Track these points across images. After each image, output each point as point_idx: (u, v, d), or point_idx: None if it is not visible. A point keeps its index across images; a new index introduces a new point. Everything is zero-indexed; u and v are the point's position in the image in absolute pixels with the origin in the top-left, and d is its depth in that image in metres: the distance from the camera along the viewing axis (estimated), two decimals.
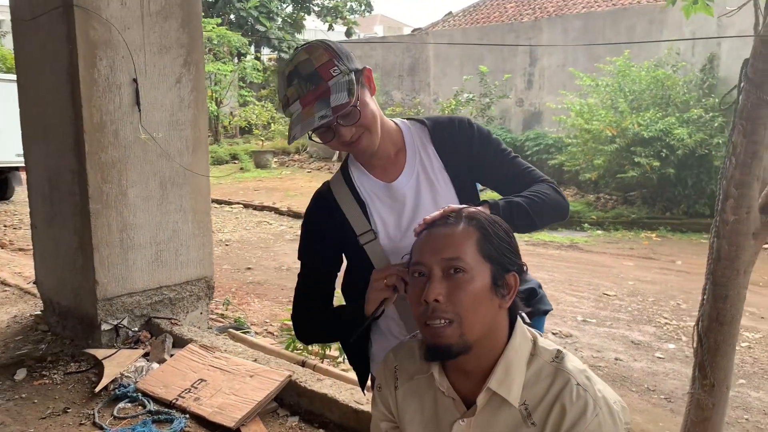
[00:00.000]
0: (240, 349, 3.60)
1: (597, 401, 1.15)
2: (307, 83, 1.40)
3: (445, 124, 1.63)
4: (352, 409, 2.96)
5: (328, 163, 16.51)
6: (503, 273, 1.21)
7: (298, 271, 1.63)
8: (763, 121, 2.30)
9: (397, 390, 1.34)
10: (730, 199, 2.38)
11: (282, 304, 5.87)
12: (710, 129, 8.81)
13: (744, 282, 2.41)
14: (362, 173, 1.60)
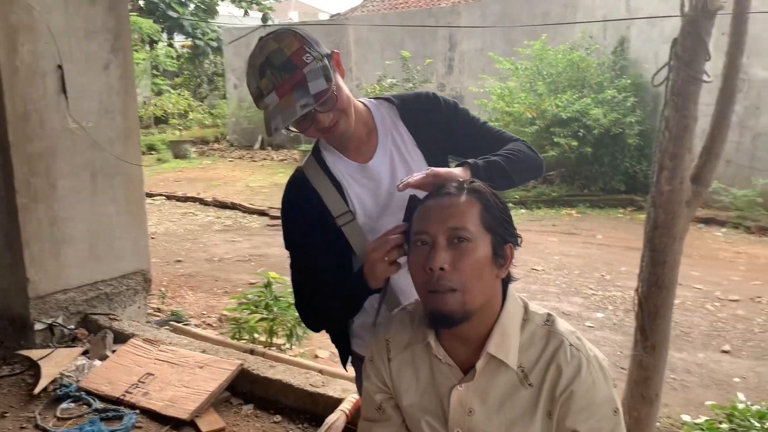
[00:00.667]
0: (186, 341, 3.52)
1: (590, 360, 1.22)
2: (282, 72, 1.38)
3: (413, 100, 1.65)
4: (307, 392, 2.97)
5: (251, 152, 16.22)
6: (502, 243, 1.25)
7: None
8: (692, 97, 2.44)
9: (390, 362, 1.37)
10: (665, 171, 2.51)
11: (217, 295, 5.76)
12: (623, 109, 9.23)
13: (679, 248, 2.57)
14: (336, 156, 1.60)
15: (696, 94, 2.46)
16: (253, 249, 7.45)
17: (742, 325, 4.95)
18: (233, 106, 17.01)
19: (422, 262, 1.23)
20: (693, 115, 2.47)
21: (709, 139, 2.58)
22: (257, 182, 12.44)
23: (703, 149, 2.59)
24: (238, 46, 17.01)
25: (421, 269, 1.23)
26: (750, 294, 5.63)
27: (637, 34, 9.94)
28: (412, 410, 1.34)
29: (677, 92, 2.47)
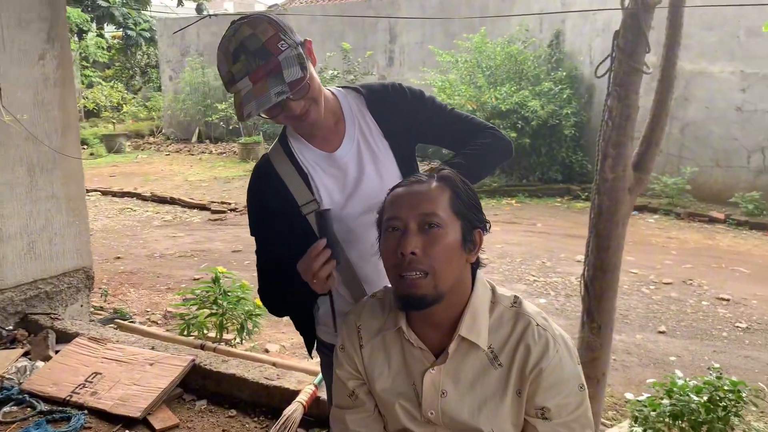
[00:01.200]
0: (133, 339, 3.44)
1: (556, 339, 1.27)
2: (256, 58, 1.37)
3: (379, 91, 1.65)
4: (262, 385, 2.95)
5: (188, 145, 15.87)
6: (471, 229, 1.28)
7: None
8: (634, 87, 2.54)
9: (362, 348, 1.38)
10: (609, 159, 2.60)
11: (161, 292, 5.64)
12: (560, 100, 9.49)
13: (623, 233, 2.68)
14: (303, 144, 1.60)
15: (637, 84, 2.56)
16: (196, 244, 7.31)
17: (675, 307, 5.19)
18: (169, 99, 16.58)
19: (394, 247, 1.25)
20: (634, 105, 2.57)
21: (649, 128, 2.69)
22: (196, 176, 12.20)
23: (644, 137, 2.69)
24: (174, 37, 16.59)
25: (392, 254, 1.26)
26: (682, 277, 5.91)
27: (572, 28, 10.23)
28: (385, 395, 1.37)
29: (619, 83, 2.56)
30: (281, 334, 4.61)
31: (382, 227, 1.31)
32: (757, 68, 7.99)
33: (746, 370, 4.00)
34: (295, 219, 1.57)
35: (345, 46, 12.22)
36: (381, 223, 1.33)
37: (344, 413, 1.41)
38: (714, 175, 8.49)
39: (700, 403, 2.80)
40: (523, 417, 1.29)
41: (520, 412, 1.29)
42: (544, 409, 1.26)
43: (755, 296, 5.39)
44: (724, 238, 7.46)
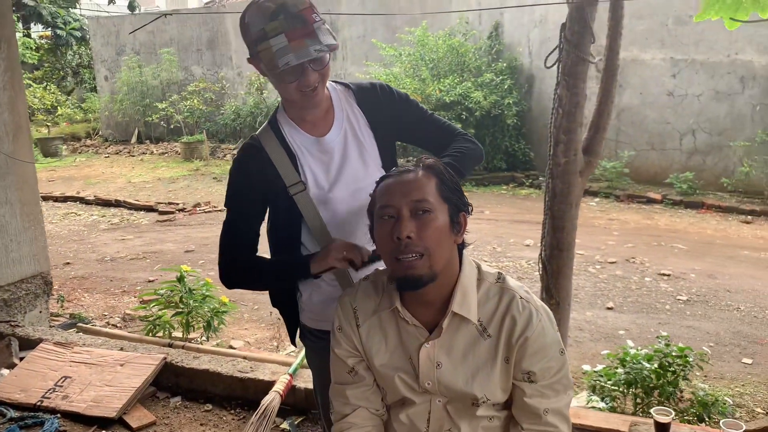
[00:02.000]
0: (100, 341, 3.43)
1: (538, 309, 1.40)
2: (295, 21, 1.48)
3: (368, 88, 1.78)
4: (237, 378, 3.01)
5: (127, 146, 15.49)
6: (457, 212, 1.40)
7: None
8: (581, 76, 2.69)
9: (359, 328, 1.48)
10: (560, 144, 2.75)
11: (116, 295, 5.57)
12: (501, 91, 9.74)
13: (576, 214, 2.85)
14: (293, 128, 1.69)
15: (584, 73, 2.72)
16: (146, 246, 7.21)
17: (621, 284, 5.47)
18: (105, 100, 16.14)
19: (389, 233, 1.35)
20: (582, 93, 2.72)
21: (596, 114, 2.86)
22: (139, 177, 11.96)
23: (591, 123, 2.86)
24: (108, 36, 16.17)
25: (388, 239, 1.35)
26: (625, 256, 6.21)
27: (510, 20, 10.49)
28: (384, 369, 1.47)
29: (568, 72, 2.71)
30: (244, 331, 4.65)
31: (375, 216, 1.41)
32: (686, 54, 8.42)
33: (689, 339, 4.27)
34: (280, 198, 1.66)
35: None
36: (373, 212, 1.42)
37: (345, 388, 1.51)
38: (650, 157, 8.90)
39: (652, 369, 3.01)
40: (511, 381, 1.42)
41: (508, 378, 1.41)
42: (530, 373, 1.39)
43: (693, 270, 5.73)
44: (662, 217, 7.85)
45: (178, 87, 14.63)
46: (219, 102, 14.31)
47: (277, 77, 1.55)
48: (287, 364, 3.11)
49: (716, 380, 3.68)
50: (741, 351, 4.15)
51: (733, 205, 7.90)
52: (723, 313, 4.78)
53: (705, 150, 8.52)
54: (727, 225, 7.42)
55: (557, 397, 1.40)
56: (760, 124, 8.08)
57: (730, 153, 8.29)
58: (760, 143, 7.97)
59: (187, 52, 15.06)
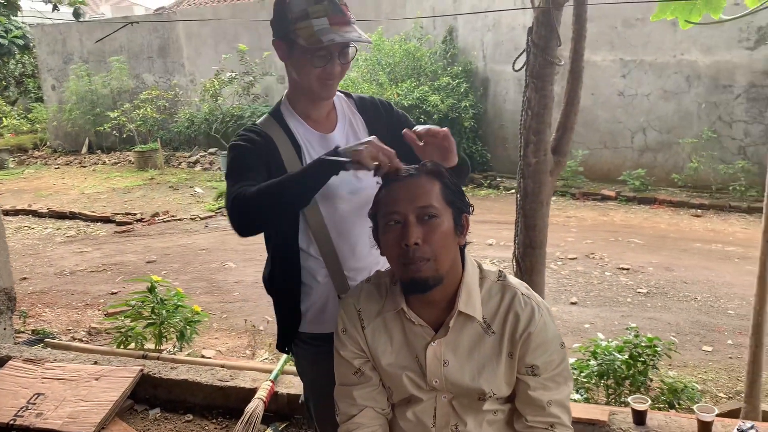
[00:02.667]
0: (72, 356, 3.36)
1: (540, 305, 1.45)
2: (337, 10, 1.58)
3: (370, 101, 1.87)
4: (217, 387, 2.99)
5: (78, 157, 15.11)
6: (460, 214, 1.44)
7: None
8: (549, 78, 2.78)
9: (364, 329, 1.51)
10: (531, 145, 2.83)
11: (79, 309, 5.45)
12: (458, 94, 9.89)
13: (547, 212, 2.93)
14: (298, 121, 1.73)
15: (551, 76, 2.80)
16: (106, 258, 7.07)
17: (583, 279, 5.62)
18: (53, 110, 15.71)
19: (397, 239, 1.38)
20: (550, 95, 2.81)
21: (563, 115, 2.95)
22: (93, 188, 11.69)
23: (559, 124, 2.95)
24: (54, 44, 15.75)
25: (396, 245, 1.38)
26: (585, 252, 6.38)
27: (464, 24, 10.65)
28: (391, 369, 1.50)
29: (536, 75, 2.79)
30: (215, 340, 4.61)
31: (382, 221, 1.43)
32: (635, 56, 8.70)
33: (651, 330, 4.41)
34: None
35: (241, 48, 12.08)
36: (378, 217, 1.45)
37: (351, 389, 1.53)
38: (603, 156, 9.16)
39: (623, 360, 3.11)
40: (515, 376, 1.47)
41: (512, 372, 1.46)
42: (533, 366, 1.44)
43: (651, 264, 5.93)
44: (617, 213, 8.09)
45: (129, 95, 14.34)
46: (172, 110, 14.08)
47: (306, 60, 1.60)
48: (267, 370, 3.10)
49: (680, 368, 3.82)
50: (701, 339, 4.32)
51: (684, 200, 8.20)
52: (681, 304, 4.96)
53: (655, 147, 8.81)
54: (679, 219, 7.70)
55: (558, 389, 1.45)
56: (706, 122, 8.41)
57: (679, 150, 8.60)
58: (706, 140, 8.29)
59: (138, 60, 14.78)
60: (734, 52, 8.09)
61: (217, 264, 6.59)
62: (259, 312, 5.07)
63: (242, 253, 7.00)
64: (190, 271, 6.42)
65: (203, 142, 13.98)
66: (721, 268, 5.77)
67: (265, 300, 5.39)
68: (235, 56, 12.27)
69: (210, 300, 5.47)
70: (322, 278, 1.74)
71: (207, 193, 10.56)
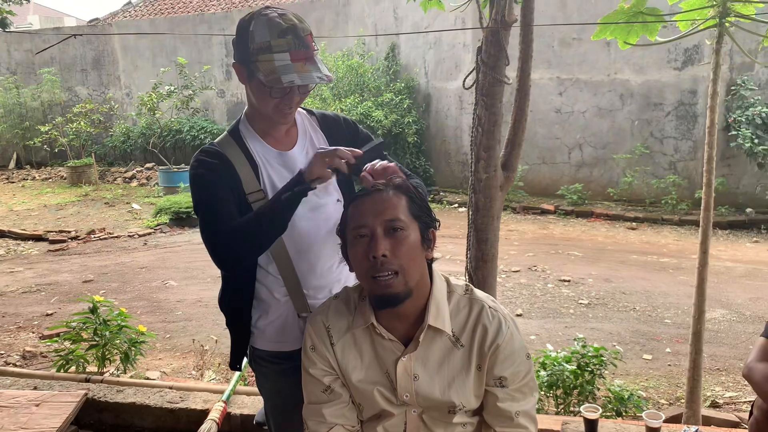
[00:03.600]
0: (9, 382, 3.19)
1: (506, 318, 1.48)
2: (300, 44, 1.56)
3: (333, 118, 1.86)
4: (167, 410, 2.89)
5: (5, 172, 14.49)
6: (427, 228, 1.45)
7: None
8: (498, 97, 2.85)
9: (333, 346, 1.50)
10: (481, 161, 2.89)
11: (11, 332, 5.19)
12: (401, 110, 10.00)
13: (498, 226, 2.98)
14: (256, 139, 1.71)
15: (501, 93, 2.87)
16: (39, 278, 6.77)
17: (527, 291, 5.75)
18: None
19: (364, 252, 1.39)
20: (500, 112, 2.88)
21: (512, 131, 3.03)
22: (22, 205, 11.21)
23: (508, 140, 3.02)
24: None
25: (363, 258, 1.39)
26: (527, 264, 6.53)
27: (406, 41, 10.81)
28: (361, 384, 1.49)
29: (486, 93, 2.85)
30: (159, 361, 4.48)
31: (349, 236, 1.44)
32: (570, 74, 9.01)
33: (594, 340, 4.53)
34: (240, 205, 1.65)
35: (181, 61, 11.88)
36: (345, 232, 1.45)
37: (321, 407, 1.51)
38: (541, 171, 9.42)
39: (571, 370, 3.19)
40: (483, 388, 1.48)
41: (481, 384, 1.48)
42: (501, 378, 1.46)
43: (590, 275, 6.12)
44: (556, 227, 8.32)
45: (61, 108, 13.89)
46: (107, 124, 13.71)
47: (263, 90, 1.58)
48: (219, 391, 3.03)
49: (623, 377, 3.94)
50: (641, 348, 4.48)
51: (620, 213, 8.51)
52: (621, 314, 5.13)
53: (591, 162, 9.13)
54: (616, 232, 7.98)
55: (525, 400, 1.48)
56: (638, 138, 8.78)
57: (613, 165, 8.93)
58: (639, 155, 8.65)
59: (71, 72, 14.34)
60: (664, 72, 8.49)
61: (158, 282, 6.42)
62: (204, 331, 4.95)
63: (183, 270, 6.84)
64: (129, 290, 6.23)
65: (140, 157, 13.64)
66: (657, 279, 6.01)
67: (209, 319, 5.27)
68: (173, 69, 12.06)
69: (152, 320, 5.32)
70: (281, 296, 1.72)
71: (145, 209, 10.29)
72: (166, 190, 11.23)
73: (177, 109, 12.18)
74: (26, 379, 3.27)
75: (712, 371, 4.08)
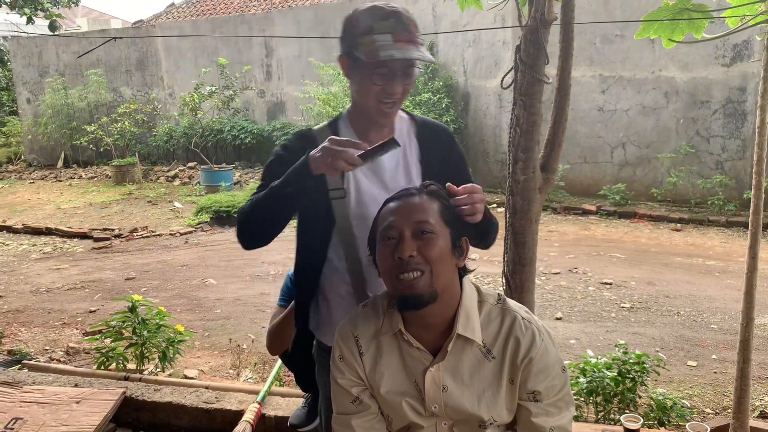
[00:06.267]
0: (51, 378, 3.26)
1: (540, 330, 1.43)
2: (403, 28, 1.57)
3: (431, 127, 1.81)
4: (203, 410, 2.92)
5: (53, 171, 14.88)
6: (459, 237, 1.41)
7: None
8: (537, 96, 2.78)
9: (362, 356, 1.47)
10: (519, 162, 2.82)
11: (56, 328, 5.32)
12: (439, 109, 9.93)
13: (536, 229, 2.91)
14: (352, 136, 1.68)
15: (540, 93, 2.80)
16: (84, 275, 6.93)
17: (567, 294, 5.63)
18: (28, 123, 15.49)
19: (391, 254, 1.36)
20: (538, 112, 2.81)
21: (551, 132, 2.95)
22: (69, 203, 11.51)
23: (547, 141, 2.95)
24: (30, 57, 15.55)
25: (390, 259, 1.36)
26: (568, 266, 6.41)
27: (444, 39, 10.72)
28: (389, 396, 1.46)
29: (524, 93, 2.78)
30: (197, 359, 4.53)
31: (378, 237, 1.41)
32: (613, 71, 8.81)
33: (636, 345, 4.42)
34: (319, 199, 1.65)
35: (221, 62, 12.03)
36: (375, 233, 1.43)
37: (350, 419, 1.49)
38: (583, 170, 9.24)
39: (612, 377, 3.11)
40: (516, 402, 1.44)
41: (513, 398, 1.43)
42: (535, 392, 1.42)
43: (633, 278, 5.97)
44: (598, 228, 8.15)
45: (107, 109, 14.20)
46: (151, 123, 13.97)
47: (367, 76, 1.57)
48: (253, 392, 3.04)
49: (666, 384, 3.83)
50: (685, 354, 4.34)
51: (663, 214, 8.28)
52: (665, 319, 4.99)
53: (635, 162, 8.91)
54: (659, 233, 7.77)
55: (561, 415, 1.43)
56: (684, 137, 8.53)
57: (657, 164, 8.70)
58: (684, 155, 8.41)
59: (116, 73, 14.65)
60: (711, 68, 8.23)
61: (198, 280, 6.50)
62: (242, 330, 5.00)
63: (223, 269, 6.92)
64: (170, 288, 6.32)
65: (182, 156, 13.87)
66: (703, 282, 5.82)
67: (247, 317, 5.32)
68: (215, 70, 12.21)
69: (191, 318, 5.38)
70: (344, 293, 1.72)
71: (186, 208, 10.45)
72: (208, 189, 11.39)
73: (218, 109, 12.34)
74: (68, 375, 3.34)
75: (761, 380, 3.93)
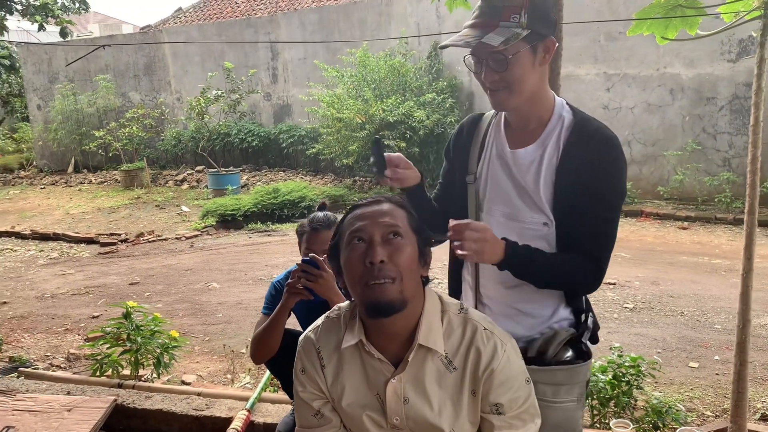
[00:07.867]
0: (44, 386, 3.27)
1: (503, 340, 1.40)
2: (486, 11, 1.47)
3: (587, 136, 1.55)
4: (192, 417, 2.92)
5: (64, 176, 15.01)
6: (424, 245, 1.40)
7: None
8: None
9: (324, 369, 1.45)
10: None
11: (58, 333, 5.34)
12: (443, 110, 9.90)
13: None
14: (499, 124, 1.68)
15: None
16: (89, 280, 6.97)
17: None
18: (39, 129, 15.63)
19: (360, 257, 1.34)
20: None
21: None
22: (78, 208, 11.59)
23: None
24: (39, 64, 15.70)
25: (359, 264, 1.34)
26: None
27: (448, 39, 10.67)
28: (350, 409, 1.44)
29: None
30: (196, 364, 4.53)
31: (344, 243, 1.39)
32: (618, 69, 8.74)
33: (638, 346, 4.38)
34: (462, 176, 1.71)
35: (227, 66, 12.07)
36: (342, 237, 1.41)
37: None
38: None
39: (607, 381, 3.07)
40: (479, 414, 1.41)
41: (476, 410, 1.40)
42: (498, 405, 1.39)
43: (637, 278, 5.90)
44: None
45: (115, 114, 14.30)
46: (159, 128, 14.05)
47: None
48: (244, 398, 3.03)
49: (666, 386, 3.77)
50: (687, 355, 4.28)
51: (670, 212, 8.20)
52: (668, 319, 4.92)
53: (641, 160, 8.83)
54: (666, 231, 7.69)
55: (525, 427, 1.40)
56: (690, 134, 8.44)
57: (664, 162, 8.61)
58: (691, 152, 8.32)
59: (124, 78, 14.75)
60: (716, 64, 8.13)
61: (201, 285, 6.52)
62: (242, 334, 4.99)
63: (226, 273, 6.93)
64: (173, 292, 6.34)
65: (190, 160, 13.93)
66: (708, 281, 5.75)
67: (248, 321, 5.31)
68: (221, 74, 12.26)
69: (192, 322, 5.39)
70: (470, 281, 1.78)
71: (193, 212, 10.49)
72: (215, 192, 11.43)
73: (225, 113, 12.38)
74: (62, 383, 3.35)
75: (763, 381, 3.86)
